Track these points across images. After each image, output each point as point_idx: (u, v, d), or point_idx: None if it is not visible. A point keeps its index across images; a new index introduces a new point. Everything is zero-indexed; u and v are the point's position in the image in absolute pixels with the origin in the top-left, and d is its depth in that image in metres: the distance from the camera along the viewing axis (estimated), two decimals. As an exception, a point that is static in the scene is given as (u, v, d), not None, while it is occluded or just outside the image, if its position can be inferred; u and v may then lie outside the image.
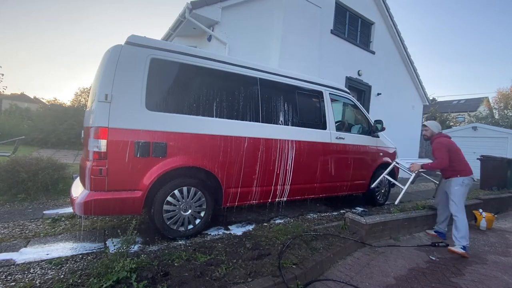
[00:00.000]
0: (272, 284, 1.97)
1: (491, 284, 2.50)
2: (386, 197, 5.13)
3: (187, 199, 2.86)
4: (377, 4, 8.96)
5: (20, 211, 3.49)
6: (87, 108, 3.12)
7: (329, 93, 4.13)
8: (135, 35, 2.70)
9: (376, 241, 3.30)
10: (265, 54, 6.41)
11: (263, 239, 2.85)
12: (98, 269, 1.92)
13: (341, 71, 7.95)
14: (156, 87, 2.71)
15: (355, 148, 4.39)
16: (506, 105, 22.79)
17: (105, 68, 2.56)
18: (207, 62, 3.02)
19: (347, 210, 4.54)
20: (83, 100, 18.91)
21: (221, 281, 1.97)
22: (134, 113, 2.57)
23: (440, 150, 3.42)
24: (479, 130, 12.05)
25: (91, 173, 2.43)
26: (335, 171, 4.12)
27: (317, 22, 6.97)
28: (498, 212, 5.01)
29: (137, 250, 2.55)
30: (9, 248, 2.46)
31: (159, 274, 1.99)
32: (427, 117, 20.18)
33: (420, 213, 3.93)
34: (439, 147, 3.44)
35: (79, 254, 2.42)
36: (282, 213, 4.07)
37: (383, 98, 9.18)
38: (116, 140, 2.48)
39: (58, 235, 2.82)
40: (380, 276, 2.50)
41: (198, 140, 2.87)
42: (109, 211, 2.58)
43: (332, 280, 2.32)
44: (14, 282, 1.94)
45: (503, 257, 3.21)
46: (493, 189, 7.45)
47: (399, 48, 9.73)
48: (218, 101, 3.04)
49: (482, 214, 4.32)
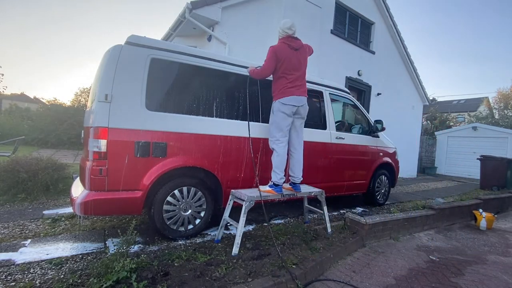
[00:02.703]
0: (272, 284, 1.97)
1: (491, 284, 2.50)
2: (386, 197, 5.14)
3: (187, 199, 2.86)
4: (377, 4, 8.96)
5: (20, 211, 3.49)
6: (87, 108, 3.12)
7: (329, 93, 4.13)
8: (135, 35, 2.70)
9: (376, 241, 3.30)
10: (265, 54, 6.37)
11: (263, 239, 2.85)
12: (98, 269, 1.91)
13: (341, 71, 7.95)
14: (156, 87, 2.71)
15: (355, 148, 4.39)
16: (506, 105, 22.80)
17: (105, 68, 2.56)
18: (207, 62, 3.02)
19: (347, 210, 4.54)
20: (83, 100, 18.89)
21: (221, 281, 1.97)
22: (134, 113, 2.57)
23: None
24: (479, 130, 12.06)
25: (91, 173, 2.43)
26: (335, 171, 4.12)
27: (317, 22, 6.97)
28: (498, 212, 5.02)
29: (137, 250, 2.55)
30: (9, 248, 2.46)
31: (159, 274, 1.99)
32: (427, 117, 20.21)
33: (420, 213, 3.93)
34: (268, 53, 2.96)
35: (79, 254, 2.42)
36: (282, 213, 4.07)
37: (383, 98, 9.18)
38: (116, 140, 2.48)
39: (58, 235, 2.82)
40: (380, 276, 2.50)
41: (198, 140, 2.86)
42: (109, 211, 2.58)
43: (332, 280, 2.32)
44: (14, 282, 1.93)
45: (503, 257, 3.21)
46: (493, 189, 7.47)
47: (399, 48, 9.74)
48: (218, 101, 3.04)
49: (482, 214, 4.32)
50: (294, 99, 2.93)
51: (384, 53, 9.29)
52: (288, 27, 2.98)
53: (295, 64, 2.96)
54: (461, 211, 4.52)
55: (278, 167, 2.95)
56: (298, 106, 2.97)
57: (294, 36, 3.03)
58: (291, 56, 2.93)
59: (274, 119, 3.01)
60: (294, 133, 3.14)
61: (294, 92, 2.93)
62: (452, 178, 11.33)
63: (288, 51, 2.92)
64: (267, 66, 2.93)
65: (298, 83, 2.98)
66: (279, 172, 2.94)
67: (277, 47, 2.94)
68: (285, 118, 2.95)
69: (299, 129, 3.15)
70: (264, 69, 2.97)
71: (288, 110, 2.93)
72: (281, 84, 2.95)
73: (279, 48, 2.93)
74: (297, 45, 3.00)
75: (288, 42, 2.96)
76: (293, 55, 2.94)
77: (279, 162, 2.95)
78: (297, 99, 2.95)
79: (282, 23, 3.02)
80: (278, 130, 2.98)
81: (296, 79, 2.96)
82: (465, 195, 6.76)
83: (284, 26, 2.99)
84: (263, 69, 2.98)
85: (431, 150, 13.43)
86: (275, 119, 2.99)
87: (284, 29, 2.99)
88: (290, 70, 2.94)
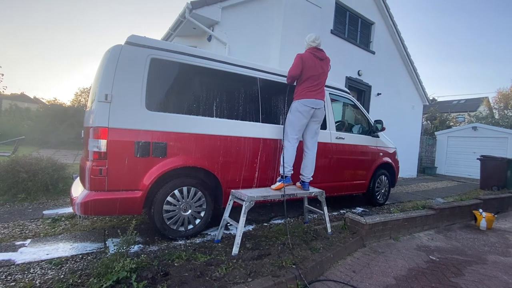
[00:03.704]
0: (272, 284, 1.97)
1: (491, 284, 2.50)
2: (386, 197, 5.13)
3: (187, 199, 2.86)
4: (377, 4, 8.96)
5: (20, 211, 3.49)
6: (87, 108, 3.12)
7: (329, 93, 4.13)
8: (135, 35, 2.70)
9: (376, 241, 3.30)
10: (265, 54, 6.42)
11: (263, 239, 2.85)
12: (98, 269, 1.91)
13: (341, 71, 7.95)
14: (156, 87, 2.71)
15: (355, 148, 4.38)
16: (506, 105, 22.80)
17: (105, 68, 2.56)
18: (207, 62, 3.02)
19: (347, 210, 4.54)
20: (83, 100, 18.91)
21: (221, 281, 1.97)
22: (134, 113, 2.57)
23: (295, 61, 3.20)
24: (479, 130, 12.06)
25: (91, 173, 2.43)
26: (335, 171, 4.12)
27: (317, 22, 6.98)
28: (498, 212, 5.01)
29: (137, 250, 2.55)
30: (9, 248, 2.46)
31: (159, 274, 1.99)
32: (427, 117, 20.22)
33: (420, 213, 3.93)
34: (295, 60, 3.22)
35: (79, 254, 2.42)
36: (282, 213, 4.07)
37: (383, 98, 9.18)
38: (116, 140, 2.48)
39: (58, 235, 2.82)
40: (380, 276, 2.50)
41: (198, 140, 2.86)
42: (109, 211, 2.58)
43: (332, 280, 2.32)
44: (14, 282, 1.93)
45: (503, 257, 3.21)
46: (493, 189, 7.46)
47: (399, 48, 9.74)
48: (218, 101, 3.04)
49: (482, 214, 4.32)
50: (313, 102, 3.16)
51: (384, 53, 9.28)
52: (312, 40, 3.27)
53: (318, 71, 3.21)
54: (461, 211, 4.52)
55: (288, 162, 3.15)
56: (316, 108, 3.18)
57: (319, 48, 3.29)
58: (315, 64, 3.19)
59: (291, 118, 3.22)
60: (310, 135, 3.33)
61: (314, 96, 3.17)
62: (452, 178, 11.33)
63: (312, 59, 3.18)
64: (294, 70, 3.16)
65: (318, 88, 3.23)
66: (287, 166, 3.14)
67: (303, 54, 3.20)
68: (301, 119, 3.16)
69: (316, 132, 3.36)
70: (291, 72, 3.19)
71: (305, 111, 3.14)
72: (303, 87, 3.19)
73: (305, 56, 3.18)
74: (321, 55, 3.26)
75: (313, 52, 3.22)
76: (317, 63, 3.20)
77: (289, 157, 3.17)
78: (315, 102, 3.17)
79: (308, 37, 3.31)
80: (292, 128, 3.19)
81: (317, 85, 3.21)
82: (465, 195, 6.76)
83: (309, 40, 3.29)
84: (290, 73, 3.21)
85: (431, 150, 13.43)
86: (292, 118, 3.20)
87: (309, 42, 3.29)
88: (313, 76, 3.18)
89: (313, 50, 3.23)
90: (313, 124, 3.28)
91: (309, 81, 3.17)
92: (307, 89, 3.17)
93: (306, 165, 3.31)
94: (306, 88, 3.17)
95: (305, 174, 3.30)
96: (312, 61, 3.17)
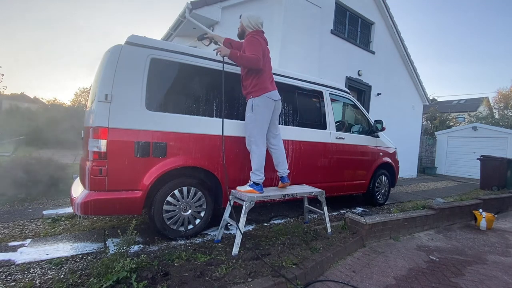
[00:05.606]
0: (272, 284, 1.97)
1: (491, 284, 2.50)
2: (386, 197, 5.13)
3: (187, 199, 2.86)
4: (377, 4, 8.97)
5: (20, 211, 3.49)
6: (87, 108, 3.12)
7: (329, 93, 4.13)
8: (135, 35, 2.70)
9: (376, 241, 3.30)
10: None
11: (263, 239, 2.85)
12: (98, 269, 1.91)
13: (341, 71, 7.95)
14: (156, 87, 2.71)
15: (355, 148, 4.39)
16: (506, 105, 22.81)
17: (105, 68, 2.56)
18: (207, 62, 3.02)
19: (347, 210, 4.54)
20: (83, 100, 18.94)
21: (221, 281, 1.97)
22: (134, 113, 2.57)
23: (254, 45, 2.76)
24: (479, 130, 12.06)
25: (91, 173, 2.43)
26: (335, 171, 4.12)
27: (317, 22, 6.97)
28: (498, 212, 5.02)
29: (137, 250, 2.55)
30: (9, 248, 2.46)
31: (159, 274, 1.99)
32: (427, 117, 20.22)
33: (420, 213, 3.93)
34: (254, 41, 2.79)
35: (79, 254, 2.42)
36: (282, 213, 4.07)
37: (383, 98, 9.18)
38: (116, 140, 2.48)
39: (58, 235, 2.82)
40: (380, 276, 2.50)
41: (198, 140, 2.86)
42: (109, 211, 2.58)
43: (332, 280, 2.32)
44: (14, 282, 1.93)
45: (503, 257, 3.21)
46: (493, 189, 7.47)
47: (399, 48, 9.74)
48: (218, 101, 3.04)
49: (482, 214, 4.32)
50: (275, 94, 2.92)
51: (384, 53, 9.29)
52: (261, 23, 2.97)
53: (270, 59, 2.97)
54: (461, 211, 4.52)
55: (259, 169, 2.84)
56: (277, 100, 2.94)
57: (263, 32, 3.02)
58: (269, 51, 2.95)
59: (255, 117, 2.82)
60: (273, 130, 3.04)
61: (274, 87, 2.94)
62: (452, 178, 11.33)
63: (266, 47, 2.92)
64: (259, 53, 2.69)
65: (272, 78, 3.00)
66: (259, 174, 2.84)
67: (260, 39, 2.84)
68: (267, 115, 2.87)
69: (277, 124, 3.09)
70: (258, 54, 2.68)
71: (271, 106, 2.87)
72: (264, 78, 2.84)
73: (262, 41, 2.86)
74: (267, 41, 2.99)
75: (263, 37, 2.94)
76: (268, 50, 2.95)
77: (259, 163, 2.84)
78: (276, 93, 2.94)
79: (252, 17, 2.94)
80: (259, 129, 2.85)
81: (272, 75, 2.99)
82: (465, 195, 6.76)
83: (257, 21, 2.95)
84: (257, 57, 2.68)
85: (431, 150, 13.44)
86: (257, 117, 2.82)
87: (255, 24, 2.94)
88: (269, 65, 2.95)
89: (262, 35, 2.92)
90: (275, 117, 3.01)
91: (268, 71, 2.89)
92: (268, 80, 2.86)
93: (279, 161, 3.06)
94: (267, 79, 2.86)
95: (281, 170, 3.08)
96: (267, 48, 2.88)
